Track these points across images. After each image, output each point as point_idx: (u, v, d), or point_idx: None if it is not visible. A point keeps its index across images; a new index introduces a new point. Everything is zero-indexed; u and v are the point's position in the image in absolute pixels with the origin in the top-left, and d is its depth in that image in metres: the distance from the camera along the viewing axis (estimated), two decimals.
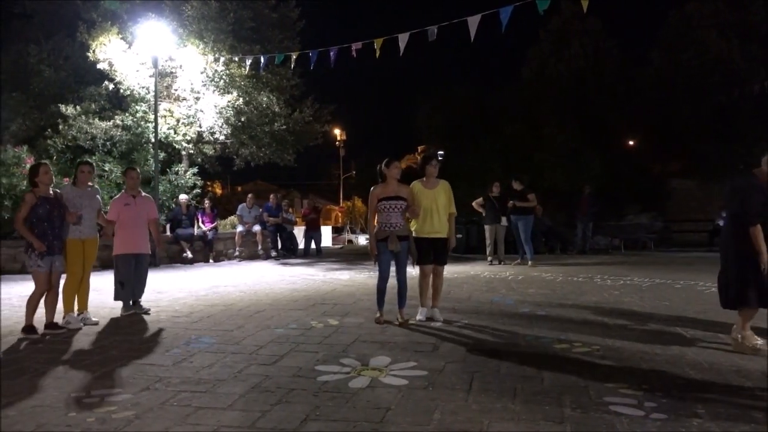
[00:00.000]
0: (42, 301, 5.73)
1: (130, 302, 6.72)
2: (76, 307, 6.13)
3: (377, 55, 10.08)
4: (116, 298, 6.70)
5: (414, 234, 6.13)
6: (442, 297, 6.47)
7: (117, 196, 7.12)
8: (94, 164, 7.13)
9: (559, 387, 3.76)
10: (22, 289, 8.87)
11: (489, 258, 12.54)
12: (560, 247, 16.00)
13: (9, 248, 11.18)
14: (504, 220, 12.44)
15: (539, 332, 5.43)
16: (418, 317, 6.02)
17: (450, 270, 6.34)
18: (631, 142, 26.13)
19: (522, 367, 4.25)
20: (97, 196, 6.40)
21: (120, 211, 6.70)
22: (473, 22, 8.71)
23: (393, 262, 5.92)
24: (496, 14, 8.43)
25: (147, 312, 6.66)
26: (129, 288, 6.68)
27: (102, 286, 7.59)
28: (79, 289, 6.15)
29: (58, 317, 5.91)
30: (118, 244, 6.70)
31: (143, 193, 7.08)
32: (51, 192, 5.78)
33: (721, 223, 6.01)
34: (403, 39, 9.64)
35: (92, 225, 6.25)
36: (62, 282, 5.99)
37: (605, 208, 17.94)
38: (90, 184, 6.38)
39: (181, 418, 3.28)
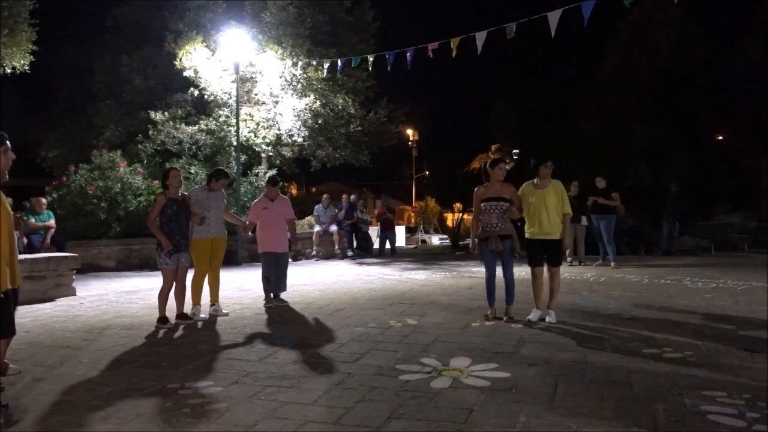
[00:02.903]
0: (172, 294, 6.22)
1: (272, 295, 7.23)
2: (208, 300, 6.68)
3: (453, 54, 9.97)
4: (264, 291, 7.28)
5: (526, 236, 6.10)
6: (523, 299, 6.26)
7: (256, 200, 7.68)
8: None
9: (650, 393, 3.60)
10: (118, 285, 9.46)
11: (568, 258, 12.17)
12: (644, 248, 15.33)
13: (105, 247, 11.90)
14: (584, 220, 12.06)
15: (625, 336, 5.23)
16: (530, 317, 5.96)
17: (528, 270, 6.22)
18: (720, 137, 24.64)
19: (608, 371, 4.11)
20: (224, 199, 6.89)
21: (259, 214, 7.29)
22: (553, 17, 8.49)
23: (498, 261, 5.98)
24: (577, 9, 8.18)
25: (285, 304, 7.18)
26: (273, 283, 7.20)
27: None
28: (211, 283, 6.70)
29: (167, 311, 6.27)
30: (260, 244, 7.30)
31: (280, 196, 7.59)
32: (179, 194, 6.28)
33: None
34: (480, 38, 9.46)
35: (220, 224, 6.74)
36: (189, 277, 6.46)
37: (693, 206, 17.00)
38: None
39: (269, 412, 3.39)
